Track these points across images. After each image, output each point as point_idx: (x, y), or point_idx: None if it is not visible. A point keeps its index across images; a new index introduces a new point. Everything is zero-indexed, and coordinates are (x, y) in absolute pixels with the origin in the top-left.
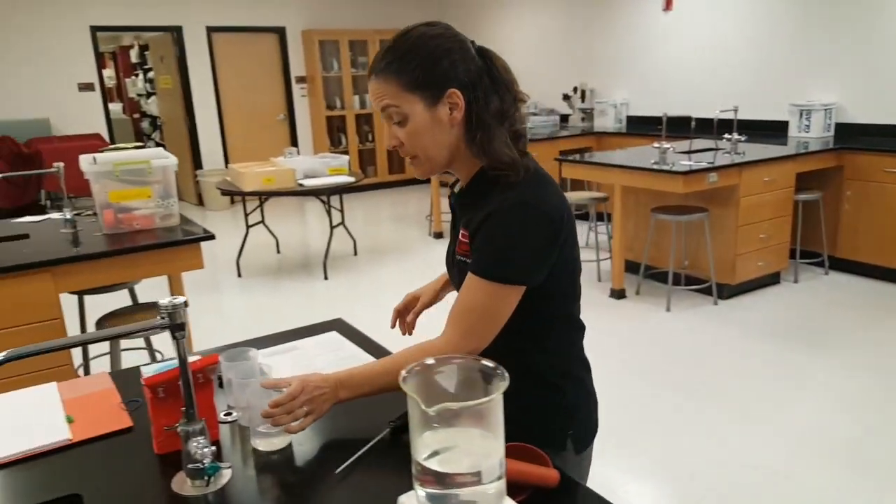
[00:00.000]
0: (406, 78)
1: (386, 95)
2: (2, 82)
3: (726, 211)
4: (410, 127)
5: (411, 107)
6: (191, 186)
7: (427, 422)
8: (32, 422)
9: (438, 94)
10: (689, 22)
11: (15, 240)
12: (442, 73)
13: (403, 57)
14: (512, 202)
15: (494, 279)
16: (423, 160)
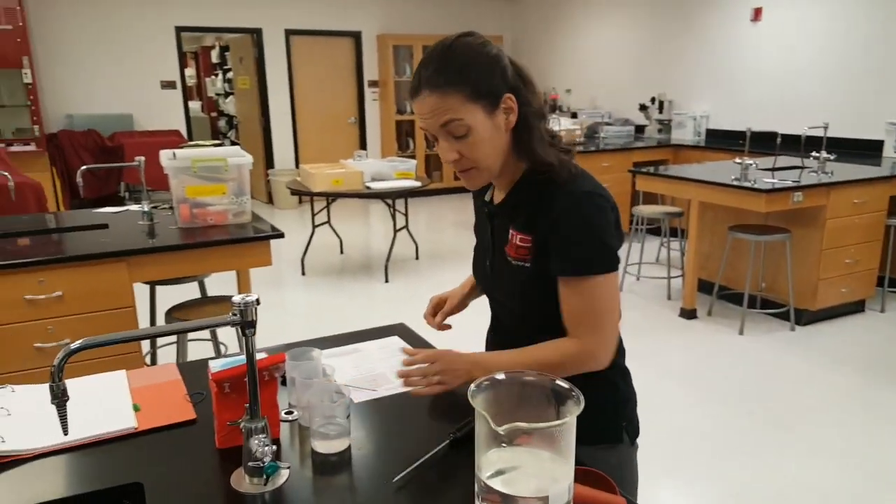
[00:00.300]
0: (468, 89)
1: (448, 110)
2: (90, 79)
3: (810, 233)
4: (473, 138)
5: (474, 118)
6: (262, 185)
7: (495, 439)
8: (101, 408)
9: (496, 100)
10: (779, 33)
11: (95, 229)
12: (497, 80)
13: (462, 69)
14: (581, 195)
15: (602, 271)
16: (482, 171)
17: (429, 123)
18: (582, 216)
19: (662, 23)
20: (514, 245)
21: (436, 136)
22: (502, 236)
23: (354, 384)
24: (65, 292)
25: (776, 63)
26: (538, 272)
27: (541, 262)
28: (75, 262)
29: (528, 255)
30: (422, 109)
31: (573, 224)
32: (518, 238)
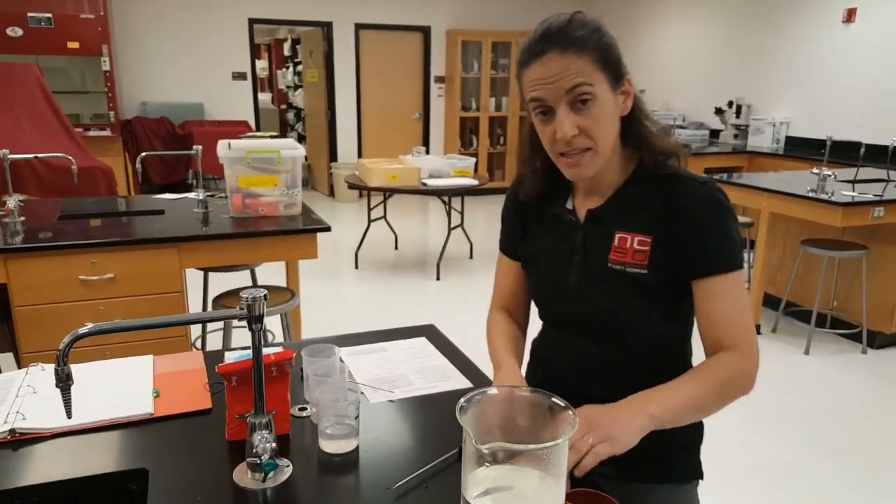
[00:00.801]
0: (600, 55)
1: (580, 73)
2: (165, 68)
3: (891, 250)
4: (598, 110)
5: (601, 88)
6: (324, 178)
7: (481, 457)
8: (122, 392)
9: (620, 77)
10: (873, 36)
11: (152, 214)
12: (620, 56)
13: (594, 33)
14: (713, 188)
15: (740, 267)
16: (598, 153)
17: (550, 89)
18: (721, 209)
19: (744, 22)
20: (625, 249)
21: (551, 106)
22: (601, 243)
23: (373, 384)
24: (116, 274)
25: (867, 68)
26: (657, 279)
27: (661, 267)
28: (128, 245)
29: (646, 259)
30: (544, 73)
31: (714, 218)
32: (635, 241)
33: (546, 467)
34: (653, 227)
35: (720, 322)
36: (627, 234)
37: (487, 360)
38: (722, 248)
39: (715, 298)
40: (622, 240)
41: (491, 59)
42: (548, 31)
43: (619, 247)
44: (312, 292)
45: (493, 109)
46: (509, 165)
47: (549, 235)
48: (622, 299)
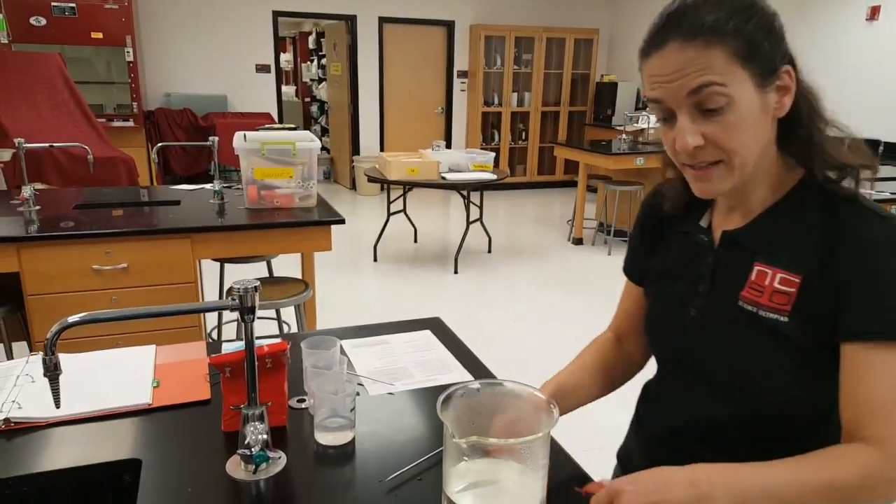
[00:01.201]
0: (741, 44)
1: (706, 69)
2: (188, 60)
3: None
4: (734, 116)
5: (739, 86)
6: (347, 171)
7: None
8: (122, 381)
9: (772, 71)
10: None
11: (168, 205)
12: (777, 42)
13: (737, 14)
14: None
15: None
16: (734, 168)
17: (669, 89)
18: None
19: None
20: (763, 287)
21: (672, 109)
22: (734, 273)
23: (373, 377)
24: (130, 264)
25: (889, 65)
26: (800, 331)
27: (808, 317)
28: (141, 235)
29: (788, 304)
30: (662, 68)
31: (888, 266)
32: (777, 278)
33: (526, 460)
34: (806, 264)
35: (865, 405)
36: (769, 268)
37: (499, 360)
38: (887, 303)
39: (867, 373)
40: (761, 274)
41: (514, 55)
42: (674, 12)
43: (755, 282)
44: (331, 284)
45: (516, 105)
46: (530, 160)
47: (676, 256)
48: (749, 348)
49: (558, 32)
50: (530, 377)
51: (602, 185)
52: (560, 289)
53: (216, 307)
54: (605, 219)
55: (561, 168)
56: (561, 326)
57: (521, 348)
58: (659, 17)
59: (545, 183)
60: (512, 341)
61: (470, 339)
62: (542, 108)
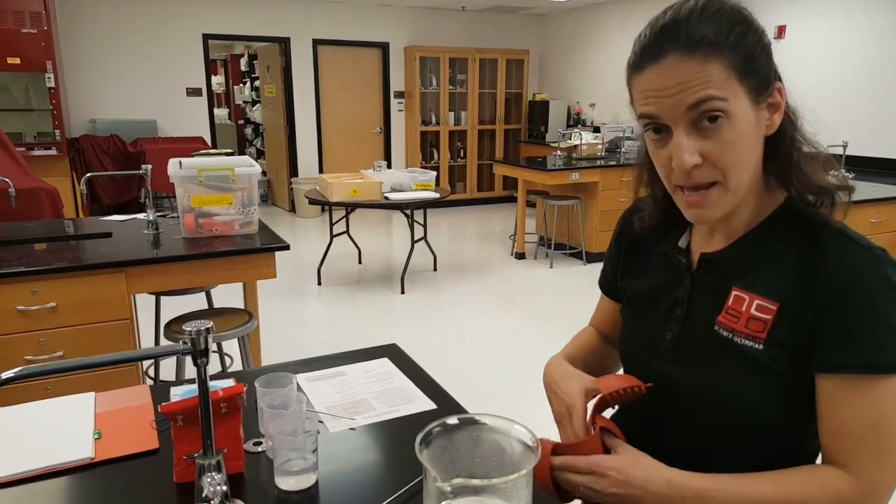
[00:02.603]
0: (740, 58)
1: (708, 83)
2: (114, 84)
3: None
4: (731, 133)
5: (737, 102)
6: (285, 193)
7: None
8: (60, 435)
9: (766, 87)
10: (802, 51)
11: (98, 237)
12: (770, 57)
13: (736, 26)
14: (880, 254)
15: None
16: (728, 189)
17: (666, 105)
18: (886, 287)
19: None
20: (739, 313)
21: (667, 125)
22: (710, 298)
23: (332, 412)
24: (59, 303)
25: (798, 81)
26: (775, 359)
27: (784, 346)
28: (71, 272)
29: (764, 331)
30: (660, 82)
31: (873, 296)
32: (754, 304)
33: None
34: (784, 291)
35: (841, 435)
36: (747, 293)
37: (453, 379)
38: (872, 338)
39: (842, 405)
40: (738, 299)
41: (449, 75)
42: (669, 24)
43: (732, 307)
44: (274, 312)
45: (453, 123)
46: (469, 178)
47: (653, 277)
48: (724, 374)
49: (490, 53)
50: (484, 394)
51: (540, 201)
52: (506, 303)
53: (167, 353)
54: (545, 233)
55: (499, 184)
56: (509, 340)
57: (473, 365)
58: (650, 28)
59: (485, 199)
60: (463, 359)
61: (421, 360)
62: (479, 126)
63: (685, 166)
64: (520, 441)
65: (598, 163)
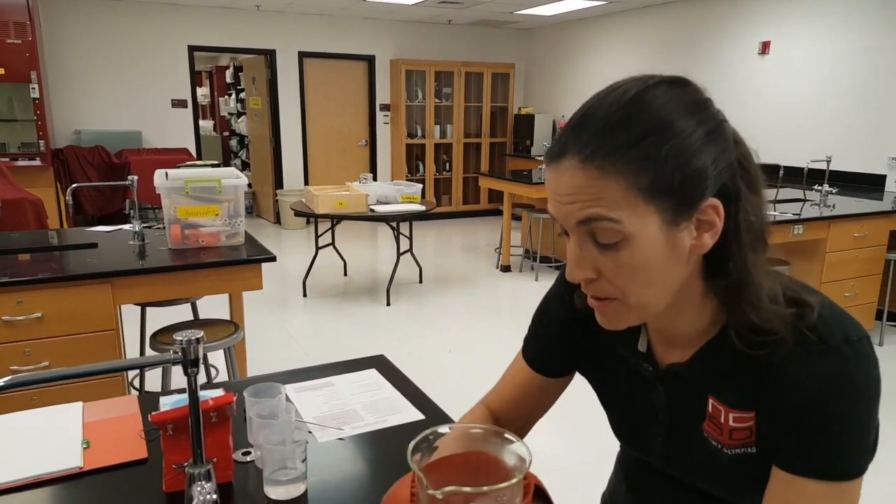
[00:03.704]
0: (653, 172)
1: (598, 200)
2: (100, 95)
3: (810, 265)
4: (629, 255)
5: (639, 223)
6: (270, 205)
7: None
8: (49, 444)
9: (689, 206)
10: (786, 67)
11: (84, 248)
12: (699, 172)
13: (646, 137)
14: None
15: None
16: (631, 308)
17: (562, 211)
18: (848, 395)
19: (671, 54)
20: (726, 428)
21: (566, 231)
22: (689, 405)
23: (321, 422)
24: (45, 314)
25: (782, 96)
26: (768, 459)
27: (770, 444)
28: (56, 282)
29: (752, 436)
30: (555, 186)
31: (832, 405)
32: (730, 417)
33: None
34: (755, 400)
35: None
36: (721, 406)
37: (439, 389)
38: (825, 446)
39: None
40: (716, 409)
41: (434, 88)
42: (577, 122)
43: (713, 415)
44: (259, 323)
45: (439, 136)
46: (455, 190)
47: (621, 383)
48: (724, 479)
49: (476, 67)
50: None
51: (526, 214)
52: (492, 315)
53: (159, 362)
54: (530, 245)
55: (485, 197)
56: (495, 352)
57: (459, 378)
58: (569, 120)
59: (470, 212)
60: (449, 371)
61: (407, 372)
62: (465, 139)
63: (573, 279)
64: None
65: None
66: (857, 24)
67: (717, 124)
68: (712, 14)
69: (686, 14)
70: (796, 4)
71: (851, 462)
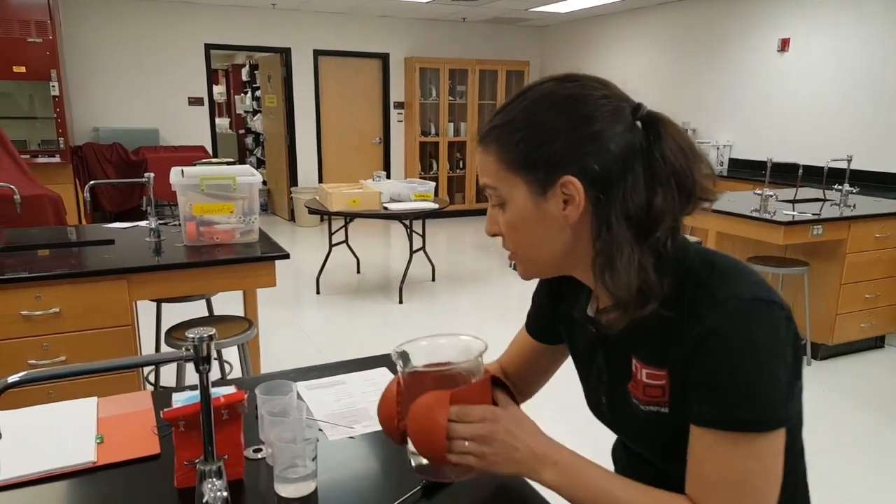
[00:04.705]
0: (508, 154)
1: (485, 171)
2: (118, 93)
3: (830, 266)
4: (510, 216)
5: (511, 191)
6: (285, 202)
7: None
8: (63, 439)
9: (547, 180)
10: (806, 65)
11: (101, 244)
12: (555, 152)
13: (509, 123)
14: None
15: (756, 429)
16: (524, 261)
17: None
18: (724, 351)
19: (688, 51)
20: (640, 384)
21: None
22: (622, 366)
23: (331, 420)
24: (62, 309)
25: (801, 94)
26: (681, 419)
27: (679, 402)
28: (74, 278)
29: (664, 395)
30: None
31: (731, 351)
32: (645, 373)
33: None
34: (664, 357)
35: (697, 478)
36: (639, 362)
37: None
38: (725, 398)
39: (701, 451)
40: (637, 368)
41: (448, 86)
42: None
43: (636, 375)
44: (273, 320)
45: (452, 134)
46: (468, 188)
47: (580, 339)
48: (649, 437)
49: (490, 65)
50: None
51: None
52: (503, 314)
53: (171, 359)
54: None
55: None
56: None
57: None
58: None
59: (484, 210)
60: None
61: None
62: None
63: (487, 233)
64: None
65: None
66: (878, 21)
67: (596, 112)
68: (730, 10)
69: (703, 10)
70: (817, 0)
71: (744, 412)
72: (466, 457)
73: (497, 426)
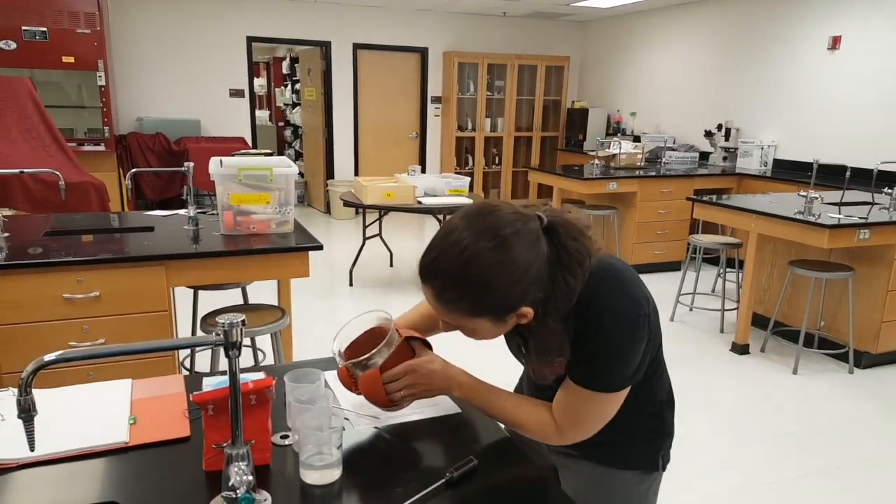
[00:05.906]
0: (478, 309)
1: (451, 319)
2: (162, 84)
3: (876, 272)
4: (470, 332)
5: (477, 323)
6: (321, 195)
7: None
8: (98, 418)
9: (507, 314)
10: (857, 64)
11: (141, 231)
12: (516, 295)
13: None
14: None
15: (602, 390)
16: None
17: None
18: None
19: (733, 48)
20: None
21: None
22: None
23: (358, 410)
24: (102, 293)
25: (851, 94)
26: None
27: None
28: (114, 263)
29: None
30: (426, 294)
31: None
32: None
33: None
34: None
35: (560, 406)
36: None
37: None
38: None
39: (566, 391)
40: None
41: (486, 81)
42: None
43: None
44: (306, 310)
45: (489, 130)
46: (504, 184)
47: None
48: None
49: (530, 60)
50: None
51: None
52: None
53: (200, 343)
54: None
55: (534, 192)
56: None
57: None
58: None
59: None
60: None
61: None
62: (515, 133)
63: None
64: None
65: (637, 173)
66: None
67: (525, 262)
68: (778, 6)
69: (749, 6)
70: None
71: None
72: (404, 400)
73: (415, 375)
